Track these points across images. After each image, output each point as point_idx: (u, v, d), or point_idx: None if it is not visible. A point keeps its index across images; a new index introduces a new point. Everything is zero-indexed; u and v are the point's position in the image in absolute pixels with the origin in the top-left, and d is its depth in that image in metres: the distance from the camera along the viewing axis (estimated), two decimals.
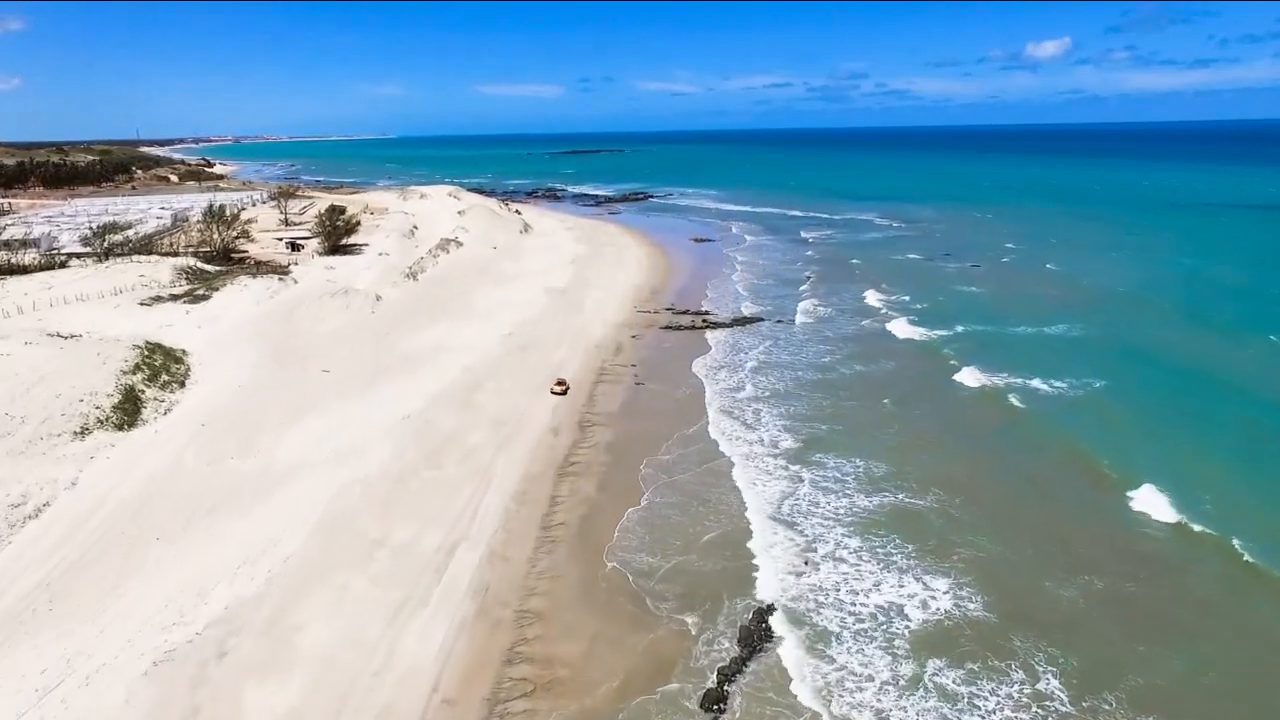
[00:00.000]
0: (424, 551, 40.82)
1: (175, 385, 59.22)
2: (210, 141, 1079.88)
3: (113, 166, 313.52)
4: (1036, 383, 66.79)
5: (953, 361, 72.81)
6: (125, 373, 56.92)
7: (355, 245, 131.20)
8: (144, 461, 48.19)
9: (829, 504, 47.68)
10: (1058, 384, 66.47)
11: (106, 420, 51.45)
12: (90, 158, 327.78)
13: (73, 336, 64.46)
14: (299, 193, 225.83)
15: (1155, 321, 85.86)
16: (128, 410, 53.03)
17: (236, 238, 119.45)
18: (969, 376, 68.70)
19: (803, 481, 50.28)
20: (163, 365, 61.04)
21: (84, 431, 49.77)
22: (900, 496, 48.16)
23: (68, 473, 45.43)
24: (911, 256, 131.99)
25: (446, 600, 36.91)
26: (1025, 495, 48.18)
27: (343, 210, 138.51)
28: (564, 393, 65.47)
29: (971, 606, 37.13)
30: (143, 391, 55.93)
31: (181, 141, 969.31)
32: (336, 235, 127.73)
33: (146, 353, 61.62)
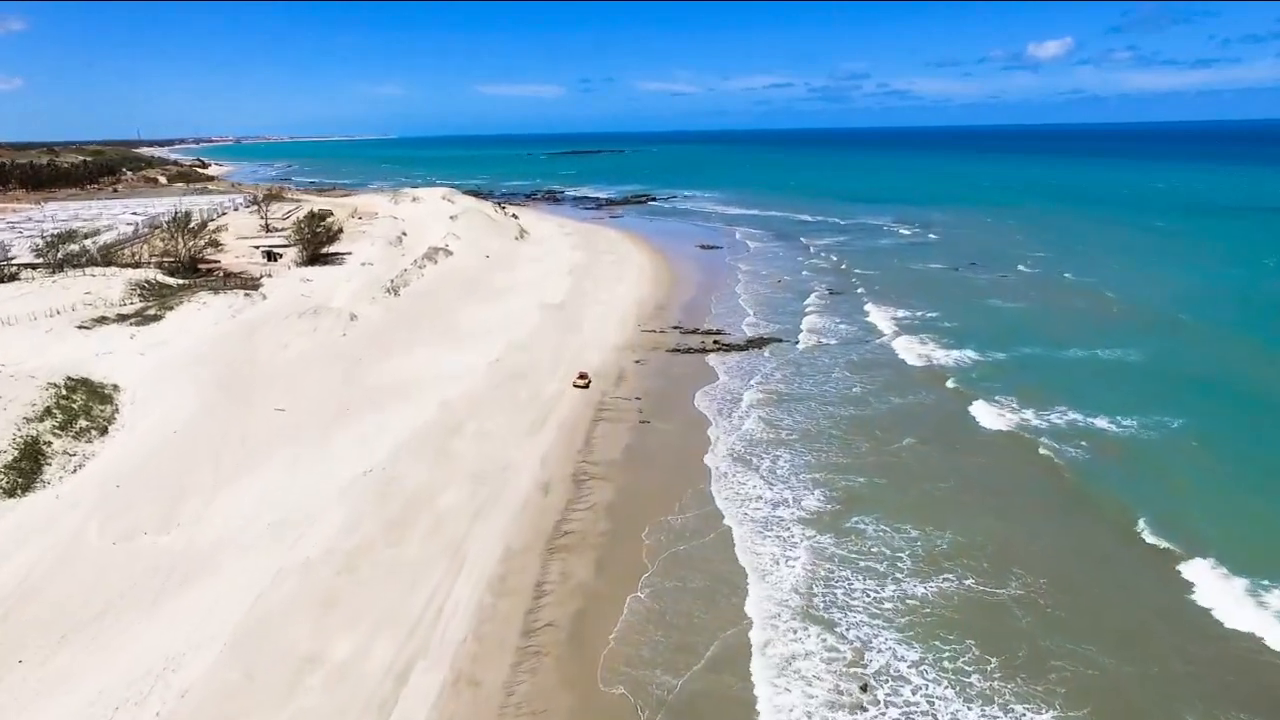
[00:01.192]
0: (370, 674, 31.66)
1: (95, 432, 49.87)
2: (211, 142, 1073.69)
3: (99, 168, 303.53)
4: (1102, 422, 57.48)
5: (1003, 398, 62.98)
6: (30, 420, 47.53)
7: (337, 254, 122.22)
8: (31, 542, 38.81)
9: (873, 592, 38.58)
10: (1126, 423, 57.25)
11: None
12: (79, 158, 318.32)
13: None
14: (286, 195, 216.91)
15: (1217, 345, 76.24)
16: (25, 470, 43.70)
17: (204, 247, 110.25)
18: (1027, 418, 59.00)
19: (836, 559, 41.22)
20: (83, 407, 51.70)
21: None
22: (967, 583, 38.96)
23: None
24: (933, 266, 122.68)
25: None
26: (1124, 582, 38.94)
27: (324, 216, 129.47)
28: (586, 386, 65.46)
29: None
30: (49, 444, 46.58)
31: (182, 142, 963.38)
32: (316, 243, 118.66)
33: (65, 392, 52.25)
